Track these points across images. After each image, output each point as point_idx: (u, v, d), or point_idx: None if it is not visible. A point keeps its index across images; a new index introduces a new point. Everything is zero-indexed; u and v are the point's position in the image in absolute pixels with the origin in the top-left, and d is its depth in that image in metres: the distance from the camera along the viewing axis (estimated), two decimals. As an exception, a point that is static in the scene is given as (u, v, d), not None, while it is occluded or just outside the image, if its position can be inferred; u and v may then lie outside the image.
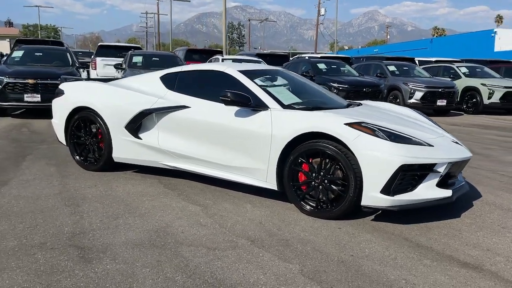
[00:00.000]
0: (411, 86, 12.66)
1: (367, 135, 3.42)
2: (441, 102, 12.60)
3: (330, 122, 3.56)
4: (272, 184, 3.86)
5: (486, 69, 15.25)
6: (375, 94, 11.72)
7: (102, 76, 14.62)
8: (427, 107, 12.50)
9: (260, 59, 13.13)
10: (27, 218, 3.46)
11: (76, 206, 3.78)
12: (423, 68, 15.22)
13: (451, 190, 3.61)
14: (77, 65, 10.91)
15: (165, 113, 4.42)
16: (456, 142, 4.01)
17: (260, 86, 4.15)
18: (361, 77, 12.73)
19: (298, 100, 4.21)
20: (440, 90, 12.65)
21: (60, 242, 3.01)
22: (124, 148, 4.69)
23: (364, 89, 11.58)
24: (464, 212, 3.90)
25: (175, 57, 11.67)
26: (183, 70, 4.73)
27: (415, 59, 18.66)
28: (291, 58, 18.18)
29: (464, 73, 14.61)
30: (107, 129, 4.74)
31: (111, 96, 4.79)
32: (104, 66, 14.88)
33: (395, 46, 57.39)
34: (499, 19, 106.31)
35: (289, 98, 4.18)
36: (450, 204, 3.76)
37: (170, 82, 4.66)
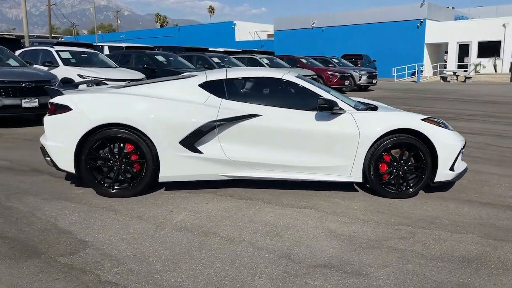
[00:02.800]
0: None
1: (437, 127, 4.40)
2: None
3: (412, 119, 4.36)
4: (357, 178, 4.40)
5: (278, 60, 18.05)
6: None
7: None
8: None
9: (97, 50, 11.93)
10: (207, 261, 3.05)
11: (214, 234, 3.45)
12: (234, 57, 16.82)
13: (464, 162, 4.98)
14: None
15: (231, 124, 4.26)
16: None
17: (327, 91, 4.54)
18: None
19: (352, 103, 4.79)
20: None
21: (302, 268, 2.92)
22: (177, 165, 4.24)
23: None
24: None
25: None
26: (229, 77, 4.54)
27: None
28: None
29: (267, 64, 16.94)
30: (151, 147, 4.17)
31: (154, 108, 4.20)
32: None
33: (144, 32, 58.20)
34: (211, 10, 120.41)
35: (348, 100, 4.71)
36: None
37: (217, 90, 4.44)
